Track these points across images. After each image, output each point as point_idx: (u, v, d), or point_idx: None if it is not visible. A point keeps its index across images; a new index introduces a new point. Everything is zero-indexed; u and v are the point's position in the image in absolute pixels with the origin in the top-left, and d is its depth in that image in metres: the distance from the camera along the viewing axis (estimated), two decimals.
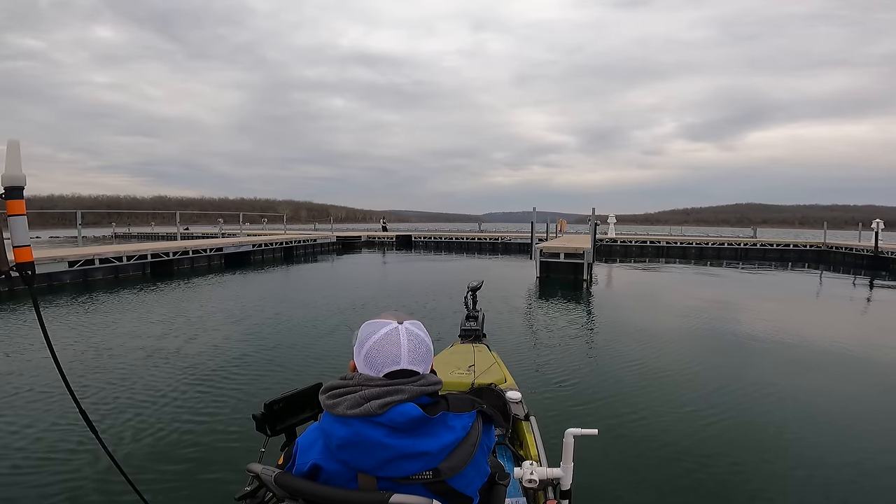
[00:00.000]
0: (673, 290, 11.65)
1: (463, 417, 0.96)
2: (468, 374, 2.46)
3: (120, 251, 12.49)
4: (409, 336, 0.99)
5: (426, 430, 0.91)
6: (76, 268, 11.00)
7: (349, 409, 0.90)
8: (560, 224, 23.65)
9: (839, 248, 19.47)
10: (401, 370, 0.96)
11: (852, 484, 2.90)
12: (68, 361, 5.03)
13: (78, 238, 14.85)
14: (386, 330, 0.99)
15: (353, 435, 0.89)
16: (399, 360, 0.96)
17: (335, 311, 8.06)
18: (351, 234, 26.92)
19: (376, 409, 0.89)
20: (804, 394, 4.35)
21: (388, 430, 0.89)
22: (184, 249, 14.28)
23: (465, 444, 0.94)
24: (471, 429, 0.96)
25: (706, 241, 22.26)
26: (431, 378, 0.99)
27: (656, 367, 5.11)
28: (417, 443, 0.89)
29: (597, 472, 2.93)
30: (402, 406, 0.90)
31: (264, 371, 4.91)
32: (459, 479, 0.93)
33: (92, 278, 11.32)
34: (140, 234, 35.18)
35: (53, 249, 13.56)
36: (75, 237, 15.23)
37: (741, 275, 15.16)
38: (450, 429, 0.93)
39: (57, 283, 10.54)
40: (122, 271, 12.09)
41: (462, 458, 0.92)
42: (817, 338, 6.45)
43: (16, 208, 1.45)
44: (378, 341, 0.98)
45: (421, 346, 1.00)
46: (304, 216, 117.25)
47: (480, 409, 1.00)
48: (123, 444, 3.29)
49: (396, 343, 0.97)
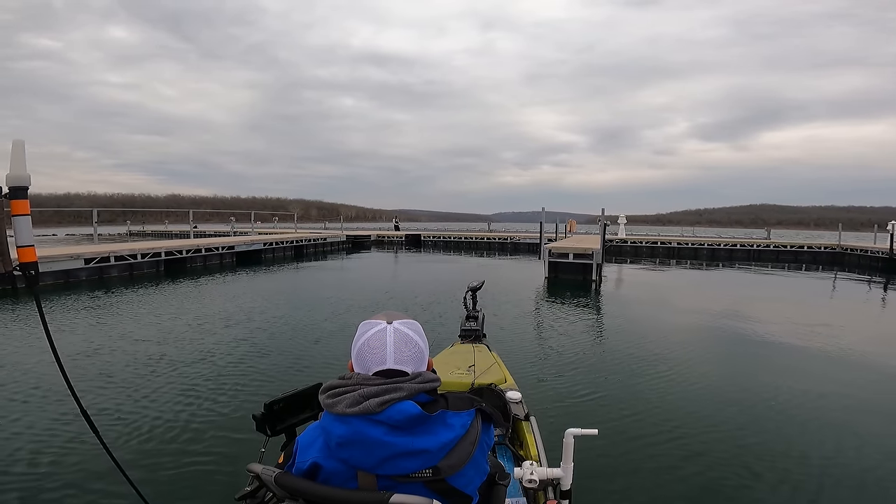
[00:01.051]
0: (682, 291, 11.57)
1: (462, 416, 0.96)
2: (468, 374, 2.47)
3: (135, 249, 12.72)
4: (396, 336, 0.99)
5: (425, 427, 0.91)
6: (92, 265, 11.24)
7: (348, 408, 0.91)
8: (570, 224, 23.57)
9: (854, 250, 19.15)
10: (388, 370, 0.96)
11: (863, 491, 2.84)
12: (72, 359, 5.09)
13: (94, 236, 15.15)
14: (375, 330, 1.00)
15: (352, 433, 0.90)
16: (385, 359, 0.97)
17: (340, 310, 8.07)
18: (361, 234, 27.07)
19: (375, 408, 0.89)
20: (813, 399, 4.27)
21: (388, 427, 0.90)
22: (196, 248, 14.50)
23: (465, 442, 0.94)
24: (470, 427, 0.96)
25: (718, 243, 22.01)
26: (429, 376, 0.99)
27: (660, 368, 5.09)
28: (416, 440, 0.90)
29: (597, 472, 2.93)
30: (400, 404, 0.91)
31: (265, 371, 4.91)
32: (459, 478, 0.93)
33: (108, 275, 11.55)
34: (154, 231, 35.73)
35: (71, 247, 13.83)
36: (90, 234, 15.53)
37: (752, 276, 15.01)
38: (449, 427, 0.93)
39: (73, 279, 10.77)
40: (136, 269, 12.31)
41: (461, 456, 0.93)
42: (829, 342, 6.34)
43: (20, 208, 1.44)
44: (366, 341, 0.99)
45: (408, 345, 1.00)
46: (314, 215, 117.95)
47: (479, 407, 1.00)
48: (123, 443, 3.31)
49: (382, 343, 0.98)
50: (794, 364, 5.37)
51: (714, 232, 39.12)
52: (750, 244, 21.50)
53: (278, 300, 9.10)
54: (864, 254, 18.24)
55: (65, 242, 21.49)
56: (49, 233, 34.15)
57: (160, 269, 12.99)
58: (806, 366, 5.33)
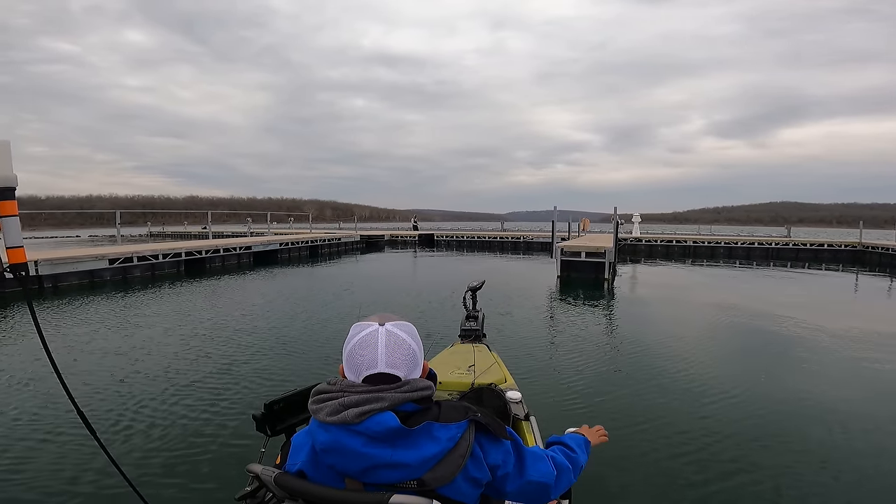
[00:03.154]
0: (695, 290, 11.46)
1: (450, 428, 0.91)
2: (468, 374, 2.46)
3: (156, 250, 13.10)
4: (388, 338, 0.95)
5: (407, 441, 0.88)
6: (116, 265, 11.63)
7: (328, 416, 0.90)
8: (583, 223, 23.46)
9: (875, 248, 18.73)
10: (380, 374, 0.93)
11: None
12: (73, 360, 5.10)
13: (117, 237, 15.60)
14: (365, 332, 0.96)
15: (332, 442, 0.89)
16: (376, 363, 0.93)
17: (346, 311, 8.04)
18: (374, 233, 27.32)
19: (353, 419, 0.87)
20: (822, 402, 4.16)
21: (366, 438, 0.88)
22: (215, 248, 14.85)
23: (453, 455, 0.89)
24: (460, 440, 0.91)
25: (735, 241, 21.69)
26: (418, 383, 0.95)
27: (665, 368, 5.03)
28: (396, 453, 0.87)
29: (597, 472, 2.92)
30: (379, 416, 0.88)
31: (265, 371, 4.91)
32: (448, 489, 0.90)
33: (131, 275, 11.93)
34: (173, 232, 36.49)
35: (95, 248, 14.28)
36: (112, 235, 16.00)
37: (770, 275, 14.78)
38: (434, 440, 0.89)
39: (98, 279, 11.16)
40: (158, 269, 12.69)
41: (449, 469, 0.89)
42: (845, 344, 6.16)
43: (8, 209, 1.43)
44: (357, 344, 0.96)
45: (401, 348, 0.96)
46: (328, 215, 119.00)
47: (474, 417, 0.94)
48: (122, 443, 3.31)
49: (374, 346, 0.94)
50: (809, 368, 5.16)
51: (732, 230, 38.48)
52: (768, 242, 21.15)
53: (287, 300, 9.18)
54: (886, 252, 17.84)
55: (89, 243, 22.11)
56: (73, 234, 35.13)
57: (181, 269, 13.36)
58: (821, 370, 5.10)
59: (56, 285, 10.21)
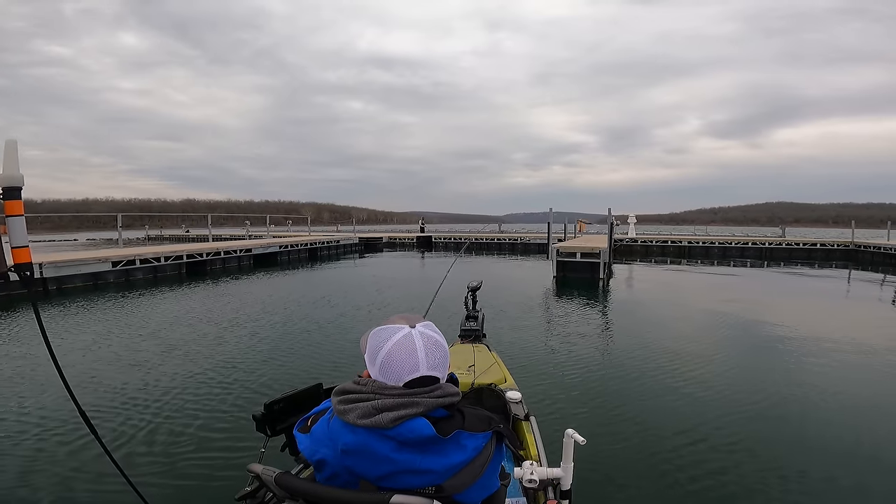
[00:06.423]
0: (689, 289, 11.65)
1: (477, 437, 0.92)
2: (468, 374, 2.44)
3: (158, 252, 13.25)
4: (424, 340, 0.95)
5: (437, 448, 0.88)
6: (119, 267, 11.78)
7: (360, 419, 0.88)
8: (579, 225, 23.71)
9: (867, 247, 19.02)
10: (421, 377, 0.92)
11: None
12: (77, 361, 5.14)
13: (119, 240, 15.74)
14: (399, 336, 0.94)
15: (359, 444, 0.88)
16: (418, 367, 0.92)
17: (346, 312, 8.06)
18: (373, 236, 27.48)
19: (388, 423, 0.86)
20: (821, 402, 4.16)
21: (397, 444, 0.87)
22: (216, 251, 15.00)
23: (475, 464, 0.91)
24: (483, 449, 0.92)
25: (729, 241, 21.96)
26: (449, 389, 0.95)
27: (664, 368, 5.03)
28: (425, 460, 0.87)
29: (597, 472, 2.93)
30: (414, 422, 0.87)
31: (265, 371, 4.92)
32: (463, 494, 0.90)
33: (133, 278, 12.08)
34: (171, 236, 36.54)
35: (99, 251, 14.41)
36: (110, 239, 16.12)
37: (763, 275, 15.04)
38: (461, 448, 0.89)
39: (102, 281, 11.31)
40: (160, 271, 12.85)
41: (469, 478, 0.90)
42: (839, 342, 6.13)
43: (14, 209, 1.42)
44: (393, 349, 0.93)
45: (438, 349, 0.96)
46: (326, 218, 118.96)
47: (497, 429, 0.96)
48: (123, 443, 3.32)
49: (413, 349, 0.93)
50: (803, 367, 5.15)
51: (727, 230, 38.73)
52: (762, 242, 21.42)
53: (285, 301, 9.22)
54: (878, 251, 18.12)
55: (89, 247, 22.19)
56: (70, 238, 35.10)
57: (182, 271, 13.50)
58: (818, 370, 5.05)
59: (60, 287, 10.36)
